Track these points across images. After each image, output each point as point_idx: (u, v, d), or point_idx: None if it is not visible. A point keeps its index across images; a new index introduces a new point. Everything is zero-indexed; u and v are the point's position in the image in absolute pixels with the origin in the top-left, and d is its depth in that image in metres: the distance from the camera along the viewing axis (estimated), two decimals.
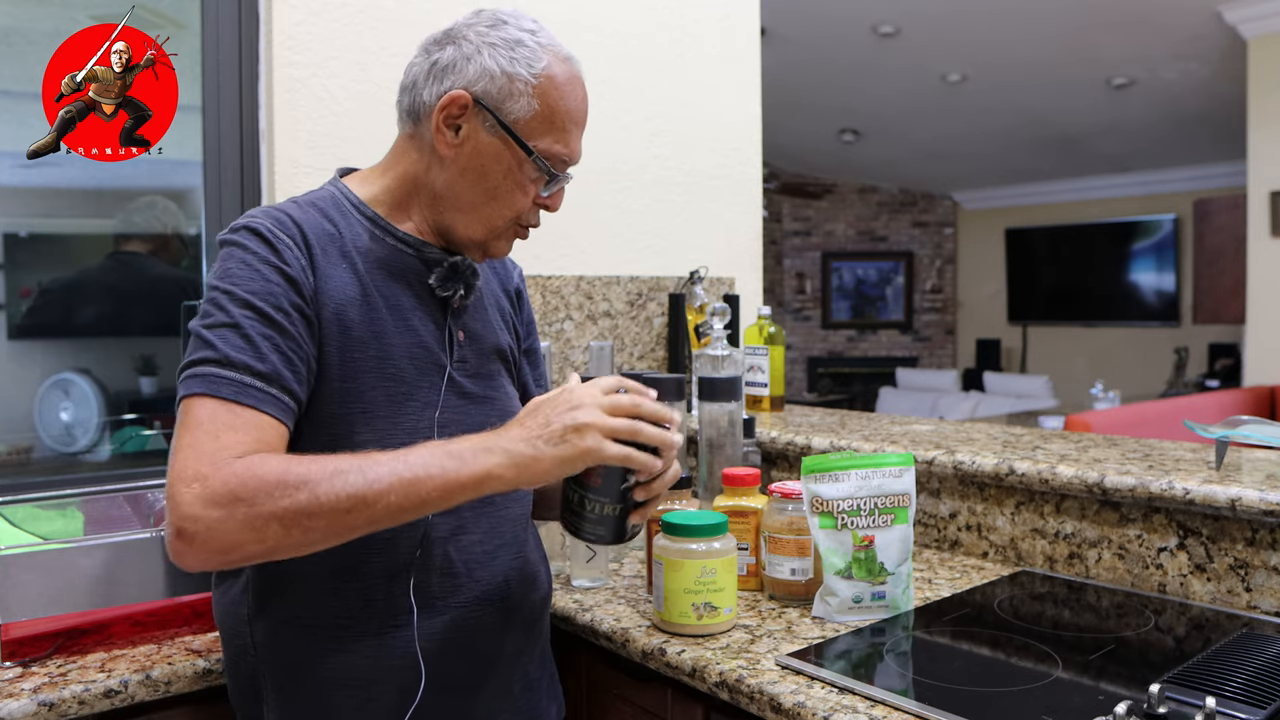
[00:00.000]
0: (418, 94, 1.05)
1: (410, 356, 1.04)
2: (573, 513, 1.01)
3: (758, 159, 2.49)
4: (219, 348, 0.92)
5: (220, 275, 0.97)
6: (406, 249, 1.08)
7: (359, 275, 1.03)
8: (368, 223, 1.06)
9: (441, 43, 1.05)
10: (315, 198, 1.07)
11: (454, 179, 1.05)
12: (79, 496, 1.48)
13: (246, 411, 0.90)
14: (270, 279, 0.96)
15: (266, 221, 0.99)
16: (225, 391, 0.90)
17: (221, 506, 0.83)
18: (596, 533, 1.01)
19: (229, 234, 1.00)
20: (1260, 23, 5.46)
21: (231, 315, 0.93)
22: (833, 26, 6.11)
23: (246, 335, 0.93)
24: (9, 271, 1.89)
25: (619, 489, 0.99)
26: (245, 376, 0.91)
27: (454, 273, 1.08)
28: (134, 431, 1.98)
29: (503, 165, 1.04)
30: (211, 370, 0.91)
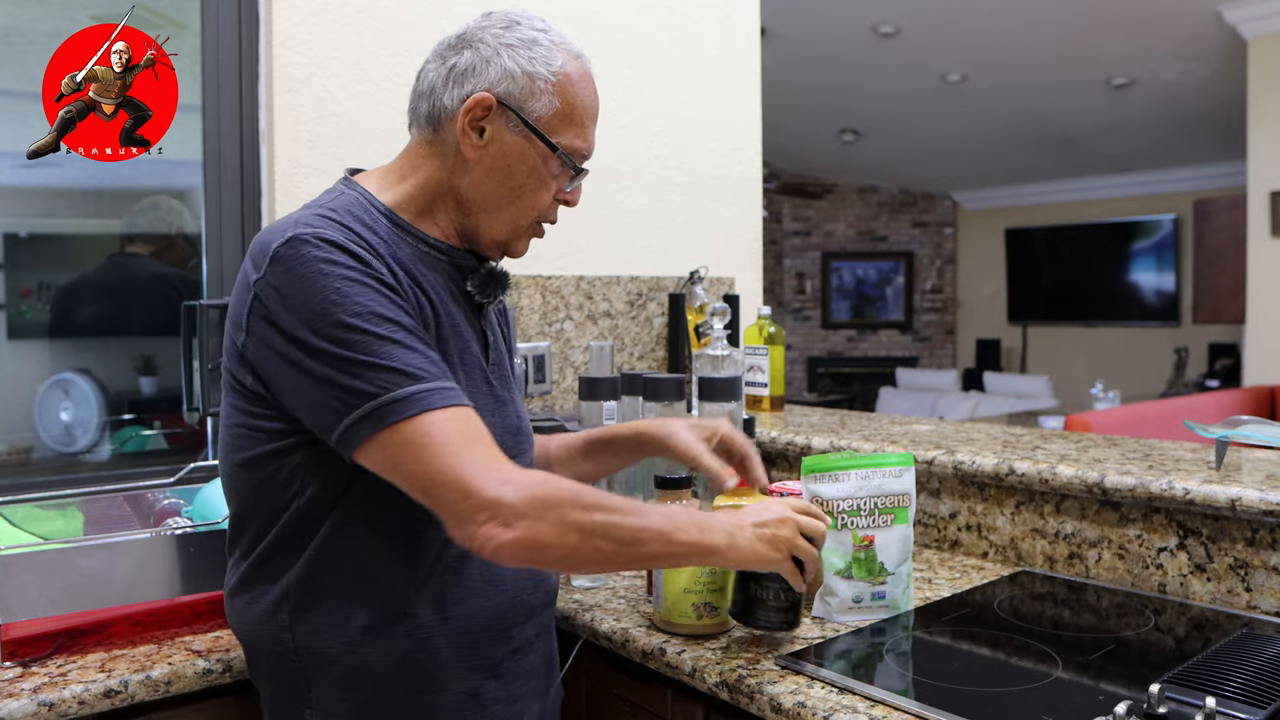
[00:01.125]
0: (437, 99, 1.05)
1: (463, 362, 1.06)
2: (752, 602, 1.14)
3: (758, 159, 2.49)
4: (402, 367, 0.92)
5: (325, 299, 0.92)
6: (440, 255, 1.08)
7: (415, 280, 1.03)
8: (398, 230, 1.05)
9: (457, 47, 1.05)
10: (346, 204, 1.03)
11: (480, 180, 1.06)
12: (79, 496, 1.48)
13: (462, 411, 0.93)
14: (379, 288, 0.95)
15: (337, 235, 0.96)
16: (437, 401, 0.92)
17: (539, 506, 0.90)
18: (773, 620, 1.14)
19: (290, 252, 0.94)
20: (1260, 23, 5.46)
21: (381, 334, 0.92)
22: (833, 26, 6.11)
23: (410, 347, 0.93)
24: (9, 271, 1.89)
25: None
26: (436, 382, 0.93)
27: (491, 278, 1.11)
28: (134, 431, 1.98)
29: (527, 164, 1.06)
30: (416, 388, 0.91)
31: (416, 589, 1.02)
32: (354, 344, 0.91)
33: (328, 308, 0.92)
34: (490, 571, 1.06)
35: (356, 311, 0.92)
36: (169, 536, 1.24)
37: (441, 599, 1.03)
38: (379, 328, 0.92)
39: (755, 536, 1.03)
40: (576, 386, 1.68)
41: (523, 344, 1.99)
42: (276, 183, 1.77)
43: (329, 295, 0.92)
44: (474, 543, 0.90)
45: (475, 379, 1.08)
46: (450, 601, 1.04)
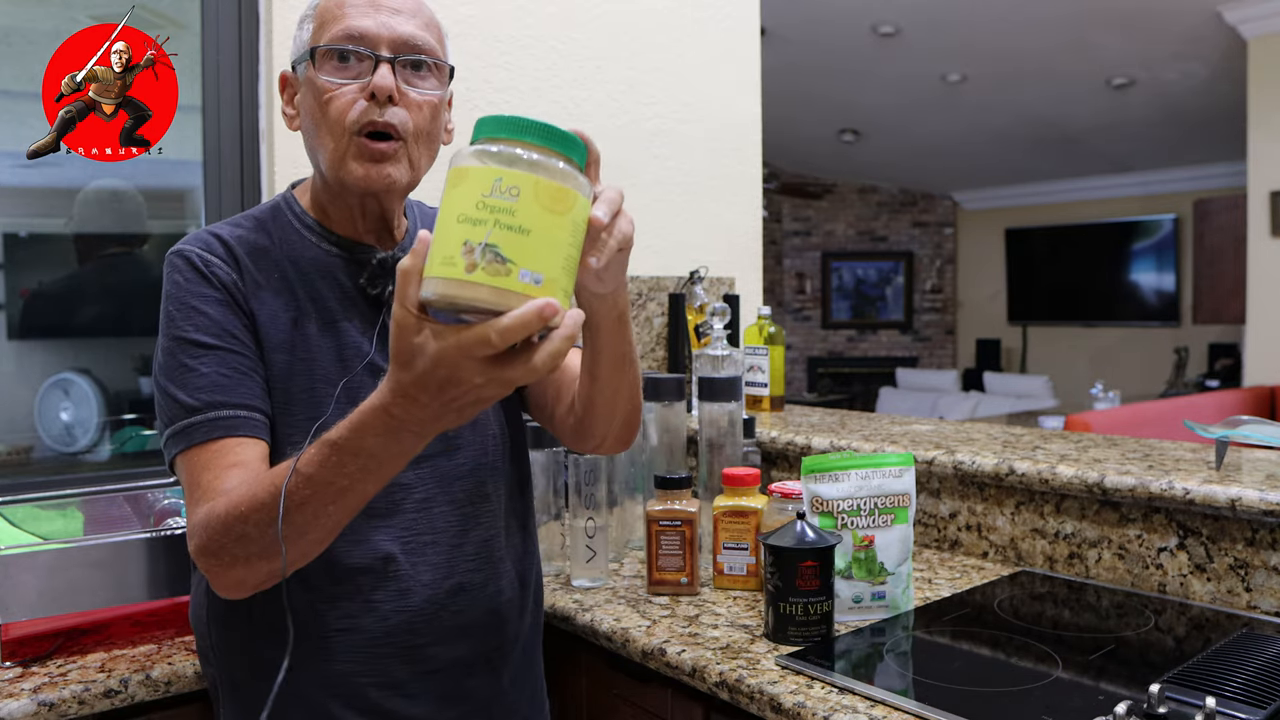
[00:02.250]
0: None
1: (340, 358, 1.03)
2: (783, 621, 1.16)
3: (758, 159, 2.48)
4: (181, 400, 0.97)
5: (163, 318, 1.02)
6: (338, 251, 1.07)
7: (289, 284, 1.04)
8: (303, 230, 1.08)
9: None
10: (256, 211, 1.10)
11: (306, 138, 1.05)
12: (79, 496, 1.48)
13: (214, 444, 0.95)
14: (206, 309, 1.00)
15: (195, 246, 1.03)
16: (198, 437, 0.95)
17: (208, 556, 0.90)
18: (808, 634, 1.16)
19: (166, 269, 1.04)
20: (1260, 23, 5.46)
21: (180, 360, 0.98)
22: (833, 26, 6.11)
23: (199, 373, 0.98)
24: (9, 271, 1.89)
25: None
26: (209, 413, 0.96)
27: (382, 270, 1.06)
28: (134, 431, 1.98)
29: (313, 90, 1.01)
30: (182, 424, 0.96)
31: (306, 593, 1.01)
32: (165, 365, 0.99)
33: (164, 324, 1.01)
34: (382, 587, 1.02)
35: (173, 334, 0.99)
36: (169, 536, 1.24)
37: (328, 615, 1.01)
38: (183, 352, 0.98)
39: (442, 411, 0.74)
40: None
41: None
42: (276, 183, 1.77)
43: (167, 312, 1.01)
44: None
45: (351, 372, 1.03)
46: (339, 615, 1.01)
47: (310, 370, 1.02)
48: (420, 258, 0.68)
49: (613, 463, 1.58)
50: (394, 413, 0.75)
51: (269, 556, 0.86)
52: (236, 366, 0.99)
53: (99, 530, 1.41)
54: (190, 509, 0.94)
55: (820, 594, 1.17)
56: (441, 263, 0.66)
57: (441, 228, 0.67)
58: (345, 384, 1.03)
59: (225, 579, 0.90)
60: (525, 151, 0.68)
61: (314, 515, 0.83)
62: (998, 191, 9.24)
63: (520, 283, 0.66)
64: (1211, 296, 6.93)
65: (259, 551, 0.86)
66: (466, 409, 0.74)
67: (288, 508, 0.82)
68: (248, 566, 0.88)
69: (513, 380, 0.70)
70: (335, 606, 1.01)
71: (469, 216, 0.66)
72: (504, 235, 0.66)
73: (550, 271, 0.67)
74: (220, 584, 0.91)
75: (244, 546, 0.86)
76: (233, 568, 0.89)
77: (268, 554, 0.86)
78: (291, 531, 0.83)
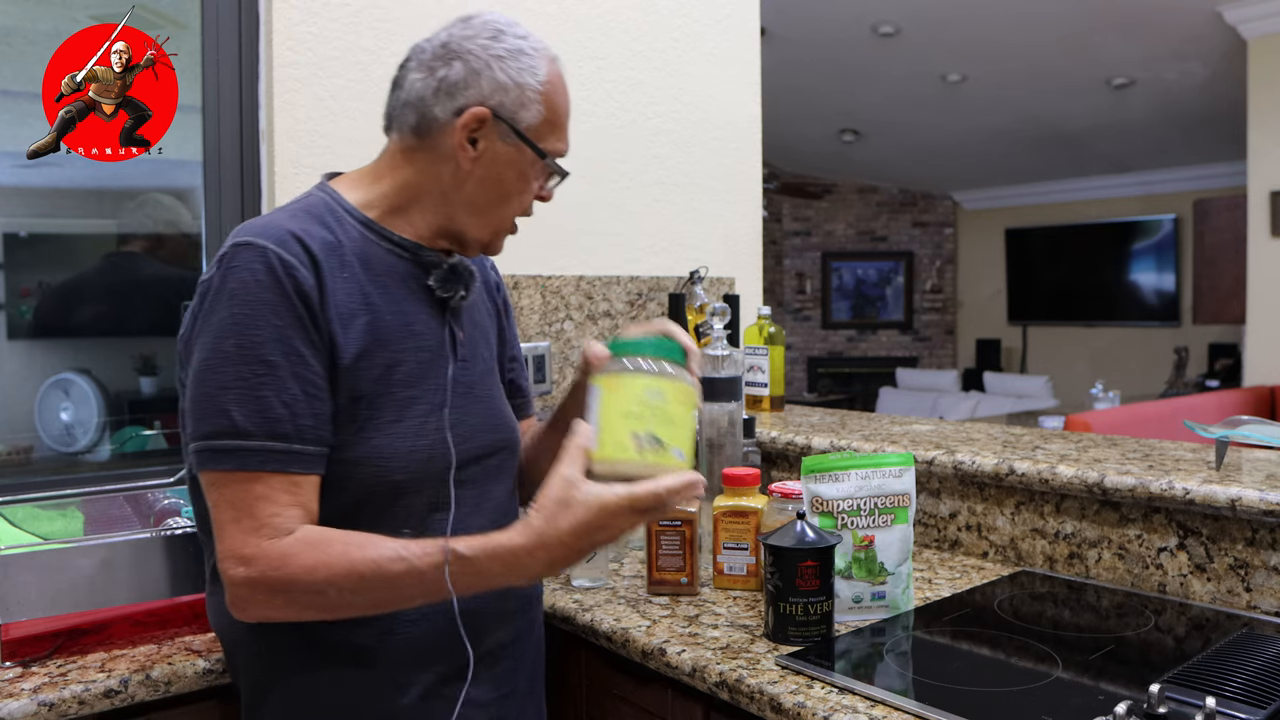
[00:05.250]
0: (427, 110, 1.06)
1: (417, 360, 1.06)
2: (784, 621, 1.16)
3: (758, 159, 2.48)
4: (235, 419, 0.93)
5: (224, 317, 0.95)
6: (402, 252, 1.08)
7: (360, 283, 1.03)
8: (361, 227, 1.06)
9: (445, 59, 1.06)
10: (306, 205, 1.06)
11: (471, 188, 1.07)
12: (79, 496, 1.48)
13: (272, 477, 0.94)
14: (277, 321, 0.96)
15: (270, 243, 0.97)
16: (251, 463, 0.93)
17: (264, 592, 0.93)
18: (807, 634, 1.16)
19: (231, 260, 0.97)
20: (1260, 23, 5.46)
21: (239, 371, 0.94)
22: (833, 26, 6.11)
23: (259, 396, 0.94)
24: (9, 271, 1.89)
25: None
26: (268, 442, 0.94)
27: (454, 274, 1.10)
28: (134, 431, 1.98)
29: (515, 170, 1.08)
30: (234, 444, 0.94)
31: None
32: (221, 372, 0.95)
33: (222, 328, 0.95)
34: None
35: (238, 341, 0.95)
36: (169, 536, 1.24)
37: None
38: (245, 365, 0.94)
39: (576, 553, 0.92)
40: None
41: (523, 344, 1.99)
42: (276, 183, 1.77)
43: (228, 316, 0.95)
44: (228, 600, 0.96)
45: (431, 377, 1.06)
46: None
47: (390, 374, 1.03)
48: (586, 439, 0.93)
49: None
50: (536, 554, 0.91)
51: (328, 611, 0.95)
52: (302, 392, 0.96)
53: (99, 530, 1.41)
54: (236, 533, 0.93)
55: (820, 594, 1.17)
56: (614, 447, 0.93)
57: (607, 420, 0.94)
58: (433, 400, 1.05)
59: (262, 613, 0.95)
60: (665, 366, 0.97)
61: (405, 600, 0.96)
62: (998, 191, 9.23)
63: (673, 458, 0.93)
64: (1211, 296, 6.93)
65: (323, 607, 0.94)
66: (586, 551, 0.92)
67: (379, 587, 0.93)
68: (299, 613, 0.95)
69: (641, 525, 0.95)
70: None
71: (631, 413, 0.94)
72: (660, 426, 0.94)
73: (688, 447, 0.96)
74: (253, 614, 0.95)
75: (314, 600, 0.93)
76: (284, 609, 0.94)
77: (330, 610, 0.94)
78: (371, 606, 0.95)
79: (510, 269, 2.01)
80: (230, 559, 0.93)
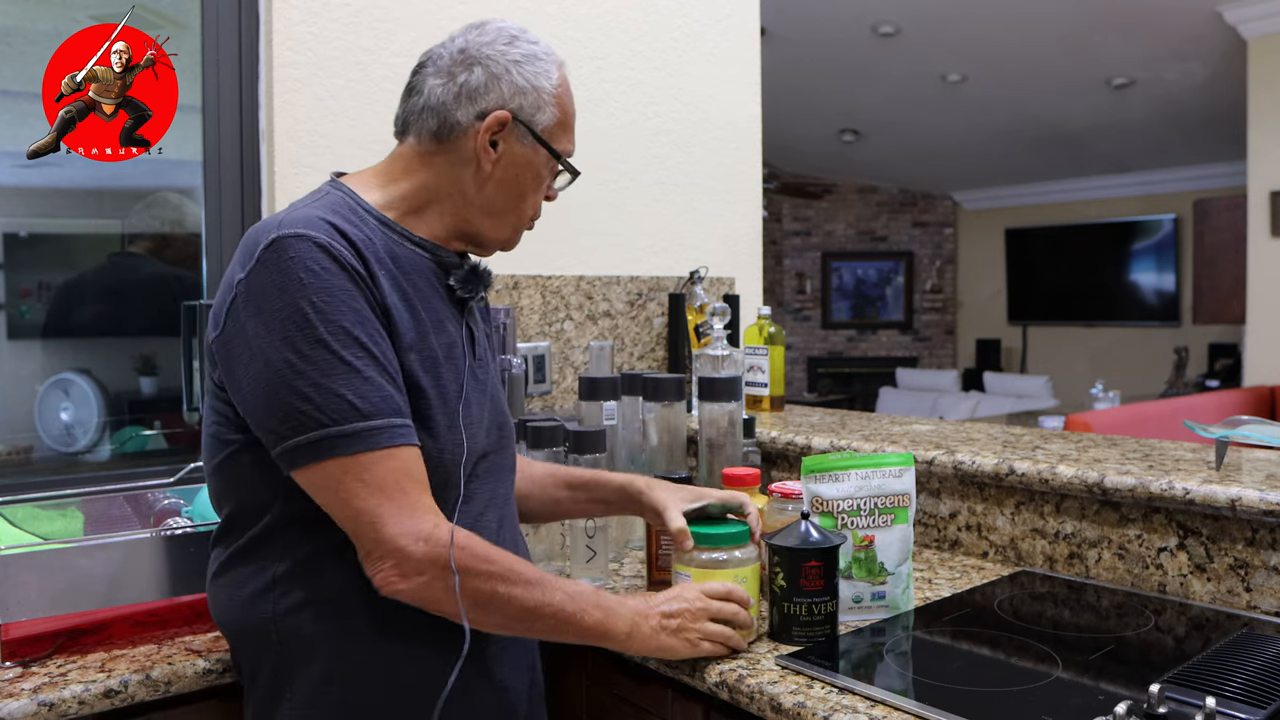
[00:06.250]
0: (449, 115, 1.08)
1: (449, 356, 1.09)
2: (788, 620, 1.18)
3: (758, 159, 2.49)
4: (354, 402, 0.94)
5: (301, 309, 0.94)
6: (422, 253, 1.10)
7: (395, 278, 1.05)
8: (383, 228, 1.07)
9: (465, 64, 1.09)
10: (328, 202, 1.05)
11: (491, 190, 1.11)
12: (79, 496, 1.48)
13: (401, 451, 0.97)
14: (355, 305, 0.97)
15: (319, 233, 0.98)
16: (381, 441, 0.95)
17: (440, 569, 0.96)
18: (811, 634, 1.18)
19: (286, 252, 0.96)
20: (1260, 23, 5.46)
21: (341, 356, 0.95)
22: (833, 26, 6.11)
23: (365, 376, 0.96)
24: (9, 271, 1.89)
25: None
26: (392, 419, 0.96)
27: (475, 275, 1.13)
28: (134, 431, 1.98)
29: (531, 171, 1.12)
30: (360, 426, 0.94)
31: None
32: (316, 362, 0.94)
33: (300, 318, 0.94)
34: None
35: (326, 328, 0.95)
36: (169, 536, 1.24)
37: None
38: (345, 349, 0.95)
39: (659, 627, 1.08)
40: (577, 386, 1.68)
41: (523, 344, 1.99)
42: (276, 183, 1.77)
43: (304, 305, 0.95)
44: (375, 581, 0.97)
45: (461, 372, 1.10)
46: None
47: (435, 371, 1.06)
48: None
49: (613, 463, 1.58)
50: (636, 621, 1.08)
51: (480, 605, 0.99)
52: (393, 371, 0.99)
53: (99, 530, 1.41)
54: (401, 513, 0.95)
55: (825, 594, 1.17)
56: None
57: None
58: (452, 383, 1.07)
59: (423, 592, 0.97)
60: (736, 554, 1.19)
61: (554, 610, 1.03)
62: (998, 191, 9.23)
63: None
64: (1211, 296, 6.93)
65: (479, 600, 0.99)
66: (665, 632, 1.09)
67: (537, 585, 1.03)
68: (451, 602, 0.98)
69: (711, 625, 1.12)
70: None
71: None
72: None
73: (755, 609, 1.19)
74: (410, 591, 0.97)
75: (478, 586, 0.98)
76: (444, 593, 0.97)
77: (481, 604, 0.99)
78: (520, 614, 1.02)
79: (510, 269, 2.01)
80: (408, 537, 0.95)
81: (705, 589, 1.14)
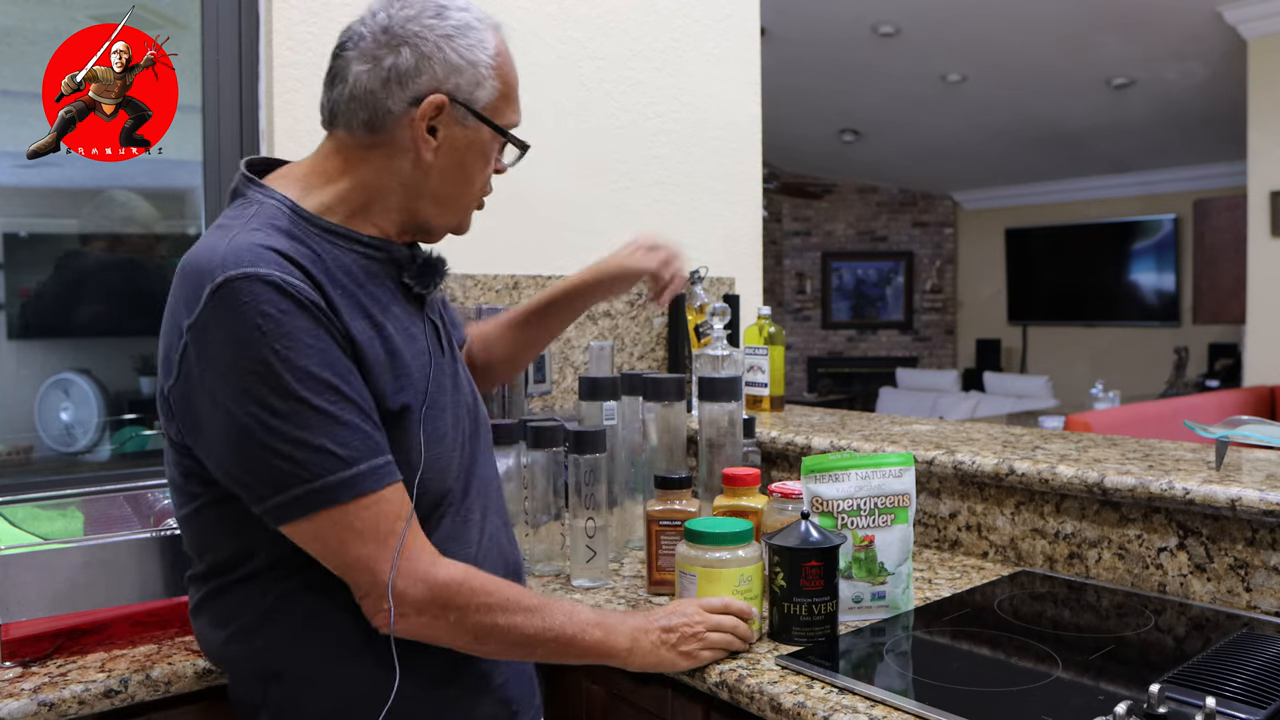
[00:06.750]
0: (378, 104, 0.99)
1: (419, 365, 1.04)
2: (788, 621, 1.18)
3: (758, 159, 2.48)
4: (336, 452, 0.90)
5: (266, 359, 0.88)
6: (375, 253, 1.04)
7: (353, 295, 0.99)
8: (328, 236, 1.00)
9: (390, 45, 0.99)
10: (266, 218, 0.97)
11: (435, 179, 1.04)
12: (79, 496, 1.48)
13: (390, 491, 0.94)
14: (319, 345, 0.91)
15: (271, 269, 0.90)
16: (367, 485, 0.92)
17: (439, 608, 0.96)
18: (811, 634, 1.18)
19: (238, 297, 0.88)
20: (1260, 23, 5.46)
21: (315, 405, 0.89)
22: (833, 26, 6.11)
23: (345, 422, 0.91)
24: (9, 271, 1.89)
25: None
26: (373, 460, 0.93)
27: (428, 268, 1.08)
28: (134, 431, 1.98)
29: (476, 151, 1.05)
30: (345, 475, 0.91)
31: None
32: (289, 416, 0.88)
33: (263, 370, 0.88)
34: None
35: (294, 376, 0.88)
36: (169, 536, 1.24)
37: None
38: (316, 397, 0.89)
39: (660, 641, 1.09)
40: (576, 386, 1.68)
41: None
42: None
43: (266, 355, 0.88)
44: (374, 623, 0.96)
45: (434, 368, 1.06)
46: None
47: (410, 384, 1.01)
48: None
49: (613, 463, 1.58)
50: (636, 637, 1.08)
51: (479, 638, 0.99)
52: (368, 408, 0.94)
53: (99, 530, 1.41)
54: (392, 558, 0.93)
55: (825, 594, 1.17)
56: None
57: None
58: (427, 388, 1.04)
59: (425, 630, 0.96)
60: (738, 552, 1.19)
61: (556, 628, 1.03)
62: (998, 191, 9.24)
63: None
64: (1211, 296, 6.93)
65: (480, 632, 0.98)
66: (664, 646, 1.09)
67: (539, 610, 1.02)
68: (455, 635, 0.98)
69: (712, 635, 1.12)
70: None
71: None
72: (747, 599, 1.19)
73: (758, 606, 1.21)
74: (412, 630, 0.96)
75: (479, 621, 0.98)
76: (449, 628, 0.97)
77: (481, 636, 0.99)
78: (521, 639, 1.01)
79: (510, 269, 2.01)
80: (405, 580, 0.94)
81: (703, 604, 1.14)
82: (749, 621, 1.15)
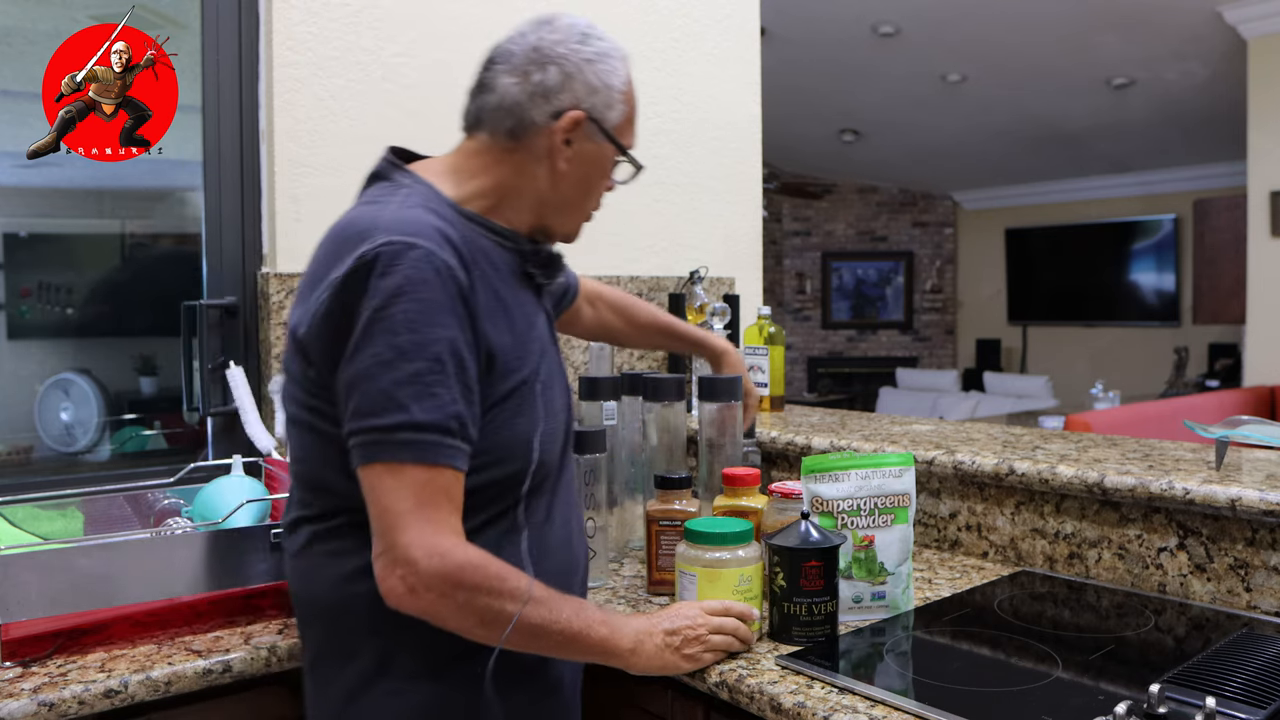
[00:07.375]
0: (524, 114, 1.10)
1: (541, 350, 1.12)
2: (788, 621, 1.19)
3: (758, 159, 2.48)
4: (414, 413, 0.96)
5: (397, 312, 0.96)
6: (508, 243, 1.13)
7: (489, 280, 1.06)
8: (471, 222, 1.09)
9: (539, 63, 1.10)
10: (422, 200, 1.06)
11: (565, 186, 1.14)
12: (79, 496, 1.48)
13: (445, 471, 0.97)
14: (448, 321, 0.98)
15: (430, 244, 0.99)
16: (429, 456, 0.96)
17: (449, 585, 0.96)
18: (811, 634, 1.18)
19: (396, 259, 0.97)
20: (1260, 23, 5.46)
21: (416, 366, 0.96)
22: (833, 26, 6.11)
23: (434, 392, 0.97)
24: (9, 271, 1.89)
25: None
26: (444, 438, 0.97)
27: (551, 261, 1.18)
28: (134, 431, 1.98)
29: (600, 167, 1.17)
30: (414, 437, 0.96)
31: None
32: (397, 368, 0.96)
33: (396, 321, 0.96)
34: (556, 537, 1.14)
35: (414, 339, 0.96)
36: (169, 536, 1.24)
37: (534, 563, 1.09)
38: (421, 360, 0.96)
39: (663, 644, 1.10)
40: (577, 386, 1.68)
41: None
42: (276, 183, 1.77)
43: (404, 312, 0.96)
44: (381, 583, 0.98)
45: (548, 352, 1.14)
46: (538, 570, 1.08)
47: (530, 360, 1.08)
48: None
49: (613, 463, 1.58)
50: (640, 639, 1.08)
51: (486, 623, 0.99)
52: (466, 392, 1.00)
53: (99, 530, 1.41)
54: (424, 525, 0.95)
55: (825, 594, 1.17)
56: None
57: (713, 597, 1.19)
58: (544, 372, 1.10)
59: (430, 607, 0.97)
60: (738, 552, 1.19)
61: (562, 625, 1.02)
62: (998, 191, 9.23)
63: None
64: (1211, 296, 6.93)
65: (487, 618, 0.99)
66: (668, 649, 1.10)
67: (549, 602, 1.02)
68: (463, 619, 0.98)
69: (714, 637, 1.13)
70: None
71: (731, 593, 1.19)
72: (747, 599, 1.19)
73: (758, 605, 1.21)
74: (416, 605, 0.97)
75: (487, 605, 0.98)
76: (455, 610, 0.97)
77: (488, 621, 0.99)
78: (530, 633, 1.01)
79: None
80: (422, 549, 0.95)
81: (705, 606, 1.15)
82: (749, 623, 1.16)
